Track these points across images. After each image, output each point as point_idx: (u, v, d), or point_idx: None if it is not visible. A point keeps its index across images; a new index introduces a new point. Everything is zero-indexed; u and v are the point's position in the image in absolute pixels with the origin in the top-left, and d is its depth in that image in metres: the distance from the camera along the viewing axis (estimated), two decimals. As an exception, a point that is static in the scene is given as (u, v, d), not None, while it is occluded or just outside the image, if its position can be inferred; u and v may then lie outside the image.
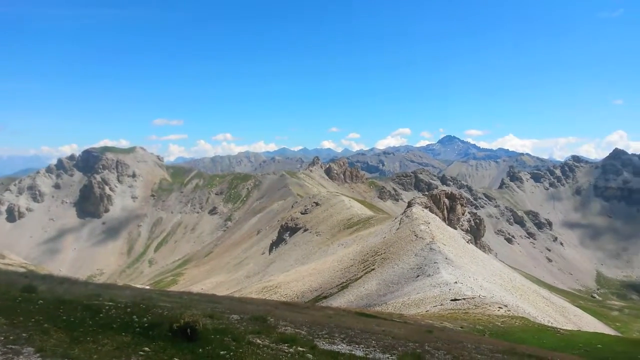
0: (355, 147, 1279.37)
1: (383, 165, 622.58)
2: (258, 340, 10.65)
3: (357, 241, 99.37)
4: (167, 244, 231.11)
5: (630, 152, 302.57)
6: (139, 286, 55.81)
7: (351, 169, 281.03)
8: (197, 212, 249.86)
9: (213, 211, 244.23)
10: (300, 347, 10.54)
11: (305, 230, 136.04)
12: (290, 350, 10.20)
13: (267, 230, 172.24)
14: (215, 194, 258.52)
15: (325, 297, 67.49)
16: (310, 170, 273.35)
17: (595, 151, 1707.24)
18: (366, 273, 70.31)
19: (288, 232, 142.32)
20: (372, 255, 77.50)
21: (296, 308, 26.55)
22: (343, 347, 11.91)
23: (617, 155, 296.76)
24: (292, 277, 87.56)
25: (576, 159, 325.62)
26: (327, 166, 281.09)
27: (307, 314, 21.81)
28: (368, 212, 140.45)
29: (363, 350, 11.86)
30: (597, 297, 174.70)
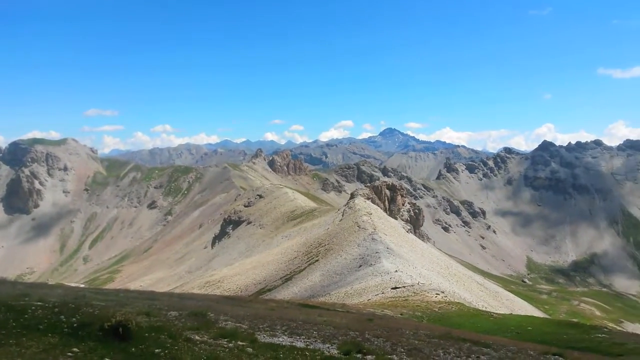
0: (299, 139, 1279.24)
1: (326, 157, 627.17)
2: (196, 337, 10.38)
3: (301, 233, 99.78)
4: (103, 240, 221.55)
5: (557, 144, 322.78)
6: (72, 285, 53.18)
7: (294, 161, 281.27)
8: (135, 207, 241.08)
9: (152, 205, 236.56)
10: (240, 342, 10.38)
11: (249, 223, 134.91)
12: (230, 345, 10.01)
13: (209, 224, 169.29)
14: (154, 188, 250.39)
15: (269, 290, 67.40)
16: (254, 163, 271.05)
17: (525, 143, 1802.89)
18: (310, 264, 70.80)
19: (231, 226, 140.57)
20: (316, 247, 78.12)
21: (239, 302, 26.25)
22: (284, 339, 11.89)
23: (546, 147, 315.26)
24: (235, 270, 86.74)
25: (508, 150, 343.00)
26: (271, 158, 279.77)
27: (249, 308, 21.60)
28: (312, 204, 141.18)
29: (304, 341, 11.89)
30: (528, 281, 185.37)
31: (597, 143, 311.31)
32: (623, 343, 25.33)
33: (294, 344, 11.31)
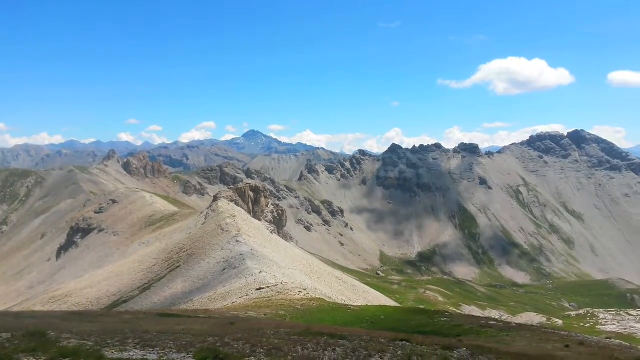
0: (157, 140, 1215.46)
1: (187, 159, 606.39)
2: (31, 359, 9.23)
3: (160, 239, 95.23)
4: None
5: (404, 146, 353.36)
6: None
7: (153, 163, 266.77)
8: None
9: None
10: (84, 360, 9.48)
11: (101, 230, 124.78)
12: (71, 365, 9.08)
13: (53, 233, 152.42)
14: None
15: (125, 302, 63.40)
16: (106, 165, 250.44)
17: (377, 146, 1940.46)
18: (171, 271, 68.05)
19: (80, 234, 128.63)
20: (177, 252, 75.27)
21: (88, 317, 23.98)
22: (135, 353, 11.16)
23: (394, 149, 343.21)
24: (85, 283, 79.49)
25: (362, 152, 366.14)
26: (126, 160, 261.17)
27: (99, 322, 19.87)
28: (172, 208, 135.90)
29: (157, 353, 11.30)
30: (381, 274, 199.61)
31: (437, 146, 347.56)
32: (461, 324, 28.54)
33: (145, 357, 10.70)
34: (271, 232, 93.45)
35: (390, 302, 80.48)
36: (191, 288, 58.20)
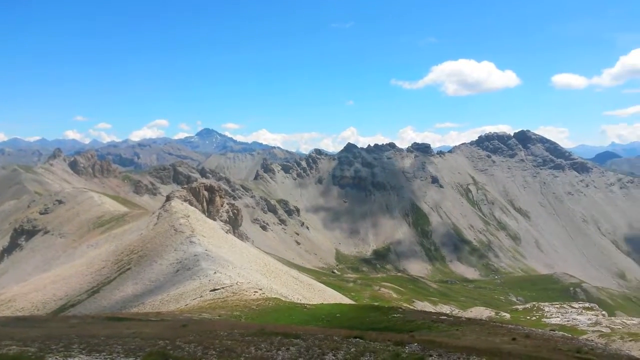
0: (106, 139, 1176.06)
1: (138, 158, 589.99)
2: (-34, 371, 8.73)
3: (110, 240, 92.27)
4: None
5: (360, 146, 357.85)
6: None
7: (102, 162, 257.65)
8: None
9: None
10: (26, 368, 9.05)
11: (47, 232, 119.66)
12: (11, 374, 8.66)
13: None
14: None
15: (72, 306, 61.18)
16: (51, 164, 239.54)
17: (333, 145, 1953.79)
18: (121, 274, 66.08)
19: (24, 236, 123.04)
20: (128, 254, 73.16)
21: (32, 322, 22.91)
22: (81, 359, 10.79)
23: (350, 148, 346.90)
24: (30, 287, 76.03)
25: (318, 152, 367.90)
26: (73, 159, 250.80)
27: (44, 328, 19.05)
28: (122, 209, 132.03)
29: (104, 358, 10.97)
30: (337, 272, 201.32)
31: (391, 145, 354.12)
32: (413, 320, 29.23)
33: (92, 362, 10.34)
34: (226, 232, 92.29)
35: (346, 300, 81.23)
36: (142, 291, 56.70)
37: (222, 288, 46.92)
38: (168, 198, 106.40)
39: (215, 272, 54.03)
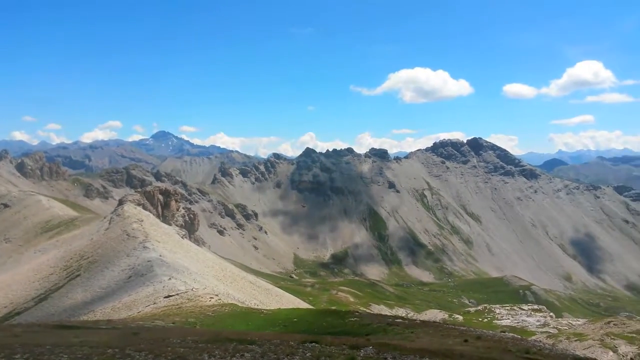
0: (56, 140, 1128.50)
1: (90, 160, 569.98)
2: None
3: (58, 246, 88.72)
4: None
5: (318, 150, 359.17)
6: None
7: (50, 165, 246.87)
8: None
9: None
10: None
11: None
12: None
13: None
14: None
15: (18, 314, 58.82)
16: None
17: (291, 149, 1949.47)
18: (70, 280, 63.81)
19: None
20: (78, 260, 70.73)
21: (-31, 334, 21.63)
22: (23, 370, 10.29)
23: (309, 153, 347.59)
24: (-31, 296, 71.76)
25: (277, 156, 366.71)
26: (20, 161, 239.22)
27: (-17, 339, 18.01)
28: (72, 213, 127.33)
29: (49, 369, 10.51)
30: (295, 276, 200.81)
31: (350, 150, 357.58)
32: (369, 323, 29.56)
33: (36, 373, 9.90)
34: (182, 237, 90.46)
35: (303, 305, 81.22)
36: (93, 298, 54.87)
37: (177, 294, 45.99)
38: (121, 202, 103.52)
39: (169, 278, 52.92)
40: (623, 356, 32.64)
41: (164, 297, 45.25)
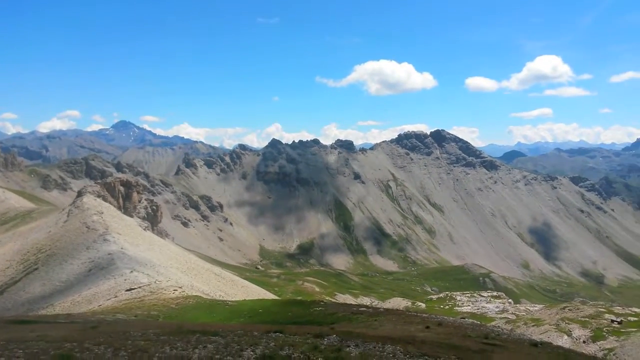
0: (12, 130, 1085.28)
1: (47, 150, 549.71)
2: None
3: (14, 239, 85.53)
4: None
5: (284, 142, 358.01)
6: None
7: (6, 155, 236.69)
8: None
9: None
10: None
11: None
12: None
13: None
14: None
15: (-30, 311, 55.99)
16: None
17: (257, 140, 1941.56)
18: (27, 274, 61.76)
19: None
20: (35, 254, 68.43)
21: None
22: (-25, 367, 9.96)
23: (275, 144, 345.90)
24: None
25: (242, 147, 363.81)
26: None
27: None
28: (28, 205, 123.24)
29: (3, 365, 10.21)
30: (261, 267, 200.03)
31: (316, 142, 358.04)
32: (334, 313, 29.90)
33: (-12, 369, 9.60)
34: (144, 229, 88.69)
35: (269, 296, 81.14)
36: (51, 292, 53.30)
37: (139, 287, 45.23)
38: (80, 194, 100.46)
39: (131, 271, 51.94)
40: (577, 339, 34.24)
41: (126, 290, 44.42)
